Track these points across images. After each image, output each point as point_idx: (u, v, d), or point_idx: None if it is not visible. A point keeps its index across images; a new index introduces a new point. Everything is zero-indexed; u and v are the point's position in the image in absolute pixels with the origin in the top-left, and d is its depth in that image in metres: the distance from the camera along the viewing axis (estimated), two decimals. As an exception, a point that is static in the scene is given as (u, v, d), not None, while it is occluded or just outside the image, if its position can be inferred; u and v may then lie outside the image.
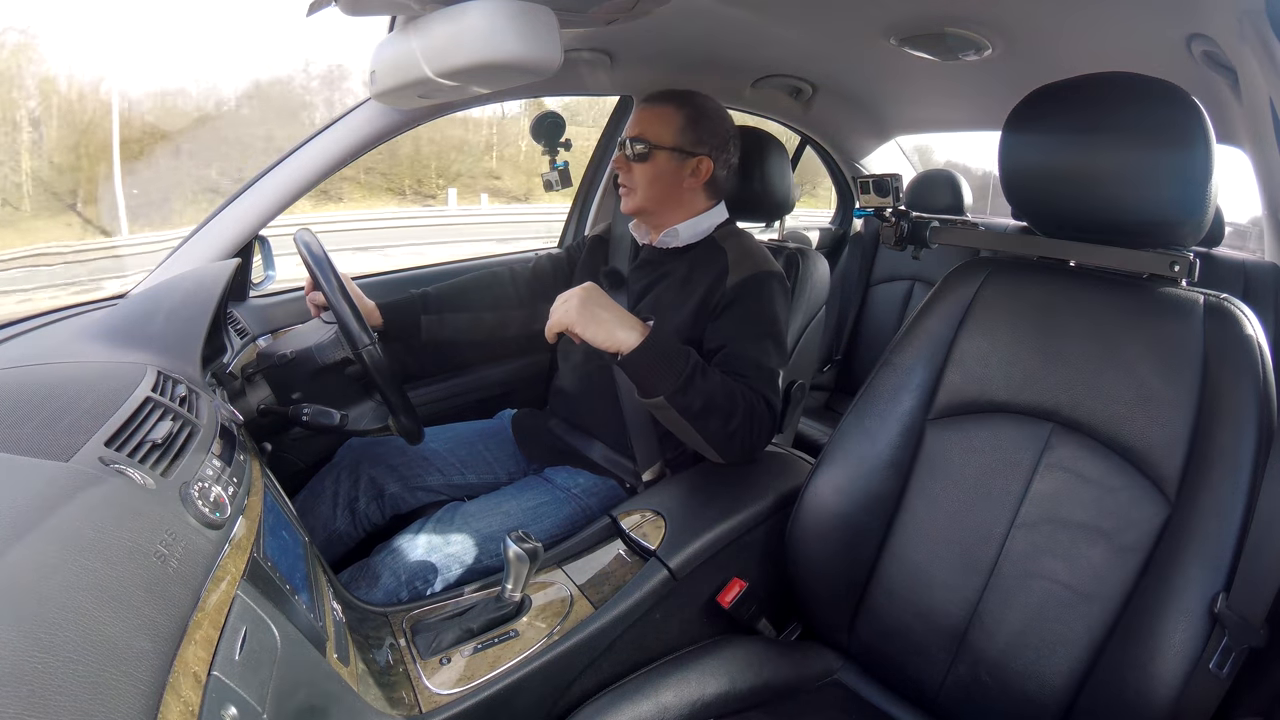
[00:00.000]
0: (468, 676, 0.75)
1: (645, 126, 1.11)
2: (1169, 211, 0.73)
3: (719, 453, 0.95)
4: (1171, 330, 0.73)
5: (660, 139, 1.09)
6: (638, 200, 1.12)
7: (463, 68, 0.70)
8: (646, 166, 1.10)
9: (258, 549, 0.59)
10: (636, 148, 1.10)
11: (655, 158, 1.10)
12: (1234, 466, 0.66)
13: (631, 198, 1.13)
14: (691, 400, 0.89)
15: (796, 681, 0.87)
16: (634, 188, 1.12)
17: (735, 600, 0.90)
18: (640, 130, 1.10)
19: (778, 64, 1.61)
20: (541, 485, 1.12)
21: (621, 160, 1.12)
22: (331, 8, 0.78)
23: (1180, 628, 0.64)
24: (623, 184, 1.14)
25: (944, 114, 2.03)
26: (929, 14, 1.18)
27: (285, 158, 1.18)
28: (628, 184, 1.13)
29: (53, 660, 0.35)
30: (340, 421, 0.98)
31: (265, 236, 1.23)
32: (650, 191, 1.12)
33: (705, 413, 0.90)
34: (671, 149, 1.10)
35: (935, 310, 0.88)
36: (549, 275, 1.28)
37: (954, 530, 0.82)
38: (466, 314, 1.23)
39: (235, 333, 1.12)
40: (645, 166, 1.10)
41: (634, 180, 1.11)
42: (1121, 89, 0.75)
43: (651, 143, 1.09)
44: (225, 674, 0.44)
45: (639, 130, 1.11)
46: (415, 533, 1.01)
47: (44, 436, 0.54)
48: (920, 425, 0.86)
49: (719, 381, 0.91)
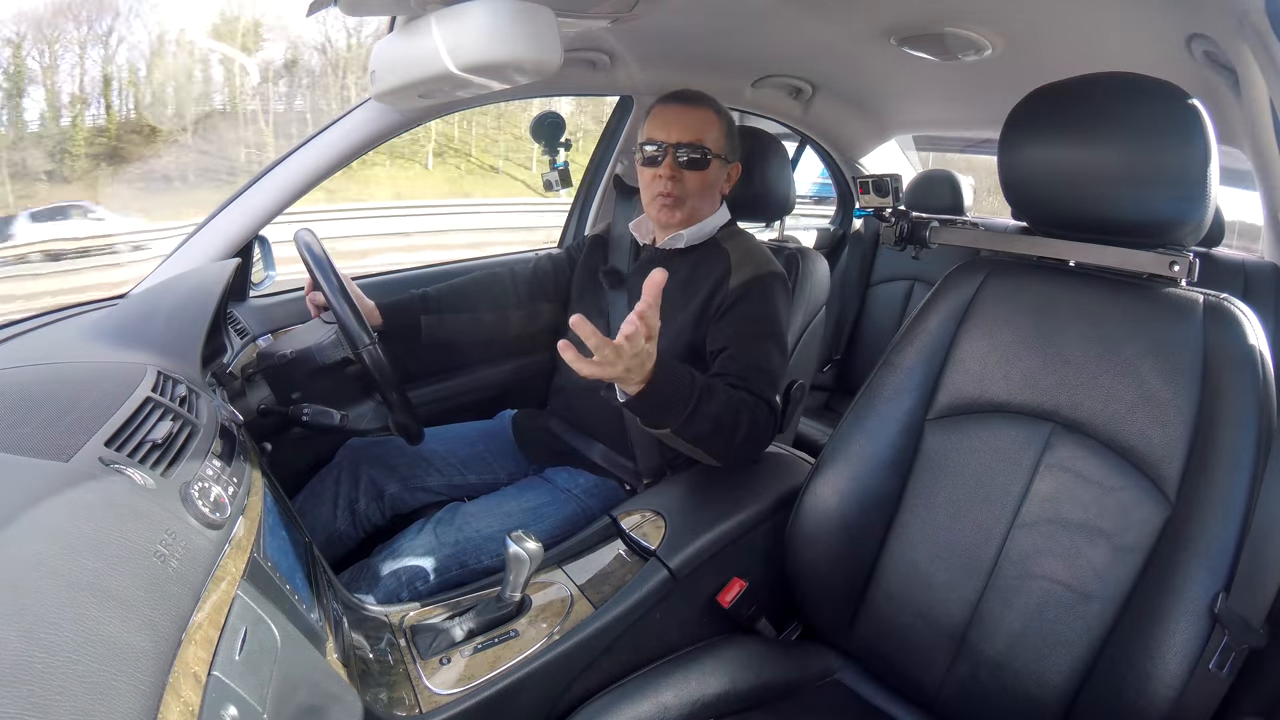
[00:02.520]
0: (468, 676, 0.75)
1: (699, 131, 1.03)
2: (1169, 211, 0.73)
3: (721, 462, 0.95)
4: (1171, 330, 0.73)
5: (715, 145, 1.04)
6: (686, 212, 1.05)
7: (463, 68, 0.70)
8: (702, 175, 1.03)
9: (258, 549, 0.59)
10: (691, 155, 1.02)
11: (712, 165, 1.04)
12: (1234, 466, 0.66)
13: (681, 209, 1.05)
14: (698, 428, 0.86)
15: (796, 681, 0.87)
16: (685, 197, 1.04)
17: (735, 600, 0.90)
18: (695, 135, 1.03)
19: (778, 64, 1.61)
20: (541, 485, 1.12)
21: (670, 168, 1.03)
22: (331, 8, 0.78)
23: (1180, 628, 0.64)
24: (669, 194, 1.04)
25: (944, 114, 2.03)
26: (929, 14, 1.18)
27: (285, 158, 1.18)
28: (676, 194, 1.04)
29: (53, 660, 0.35)
30: (340, 421, 0.98)
31: (265, 236, 1.23)
32: (699, 201, 1.05)
33: (711, 436, 0.88)
34: (721, 156, 1.06)
35: (935, 310, 0.88)
36: (549, 275, 1.28)
37: (954, 530, 0.82)
38: (467, 314, 1.22)
39: (235, 333, 1.12)
40: (701, 175, 1.03)
41: (685, 189, 1.04)
42: (1121, 89, 0.75)
43: (708, 149, 1.03)
44: (225, 674, 0.44)
45: (693, 135, 1.03)
46: (415, 533, 1.01)
47: (44, 436, 0.54)
48: (920, 425, 0.86)
49: (724, 401, 0.87)
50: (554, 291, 1.27)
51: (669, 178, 1.04)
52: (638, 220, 1.19)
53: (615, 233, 1.25)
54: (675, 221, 1.08)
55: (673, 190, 1.04)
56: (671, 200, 1.05)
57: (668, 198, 1.05)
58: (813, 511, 0.88)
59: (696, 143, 1.03)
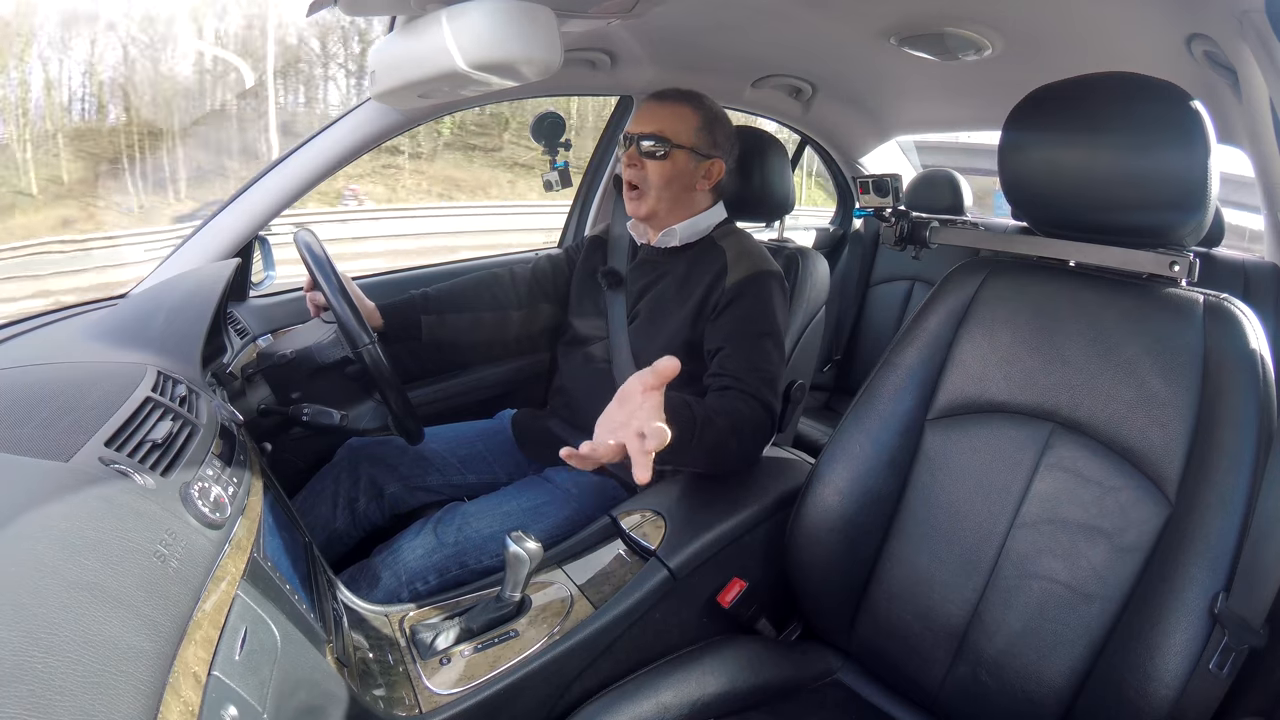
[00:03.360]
0: (468, 677, 0.74)
1: (663, 123, 1.05)
2: (1169, 211, 0.73)
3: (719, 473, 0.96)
4: (1171, 330, 0.73)
5: (679, 137, 1.06)
6: (650, 203, 1.07)
7: (463, 68, 0.70)
8: (663, 165, 1.05)
9: (258, 549, 0.59)
10: (652, 145, 1.04)
11: (673, 156, 1.06)
12: (1234, 466, 0.66)
13: (644, 200, 1.07)
14: (696, 458, 0.85)
15: (796, 681, 0.87)
16: (646, 189, 1.07)
17: (735, 600, 0.90)
18: (657, 126, 1.05)
19: (778, 64, 1.61)
20: (541, 485, 1.12)
21: (633, 157, 1.06)
22: (331, 8, 0.78)
23: (1180, 628, 0.64)
24: (631, 184, 1.07)
25: (944, 114, 2.03)
26: (929, 14, 1.19)
27: (285, 158, 1.18)
28: (638, 184, 1.07)
29: (53, 660, 0.35)
30: (340, 421, 0.98)
31: (265, 236, 1.23)
32: (664, 193, 1.07)
33: (710, 459, 0.88)
34: (689, 149, 1.07)
35: (935, 310, 0.88)
36: (548, 276, 1.28)
37: (954, 530, 0.82)
38: (467, 314, 1.22)
39: (235, 333, 1.12)
40: (661, 165, 1.05)
41: (647, 180, 1.06)
42: (1121, 89, 0.75)
43: (670, 140, 1.05)
44: (225, 674, 0.44)
45: (656, 126, 1.05)
46: (415, 533, 1.01)
47: (44, 436, 0.54)
48: (920, 425, 0.86)
49: (722, 425, 0.86)
50: (553, 292, 1.28)
51: (629, 165, 1.07)
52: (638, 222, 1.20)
53: (614, 233, 1.25)
54: (641, 214, 1.10)
55: (634, 179, 1.07)
56: (637, 192, 1.08)
57: (632, 188, 1.08)
58: (813, 511, 0.88)
59: (657, 134, 1.05)
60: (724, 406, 0.90)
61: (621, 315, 1.15)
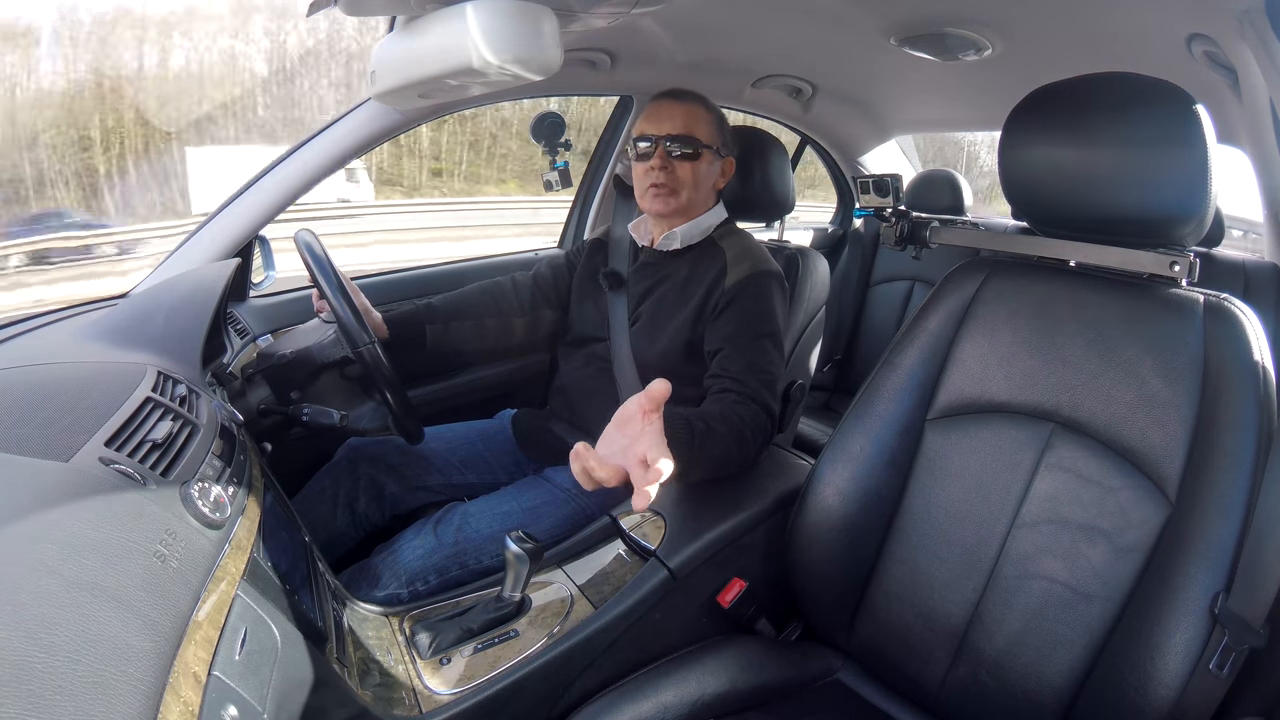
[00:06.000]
0: (467, 677, 0.74)
1: (690, 123, 1.07)
2: (1169, 211, 0.73)
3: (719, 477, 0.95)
4: (1172, 330, 0.73)
5: (707, 137, 1.07)
6: (683, 200, 1.08)
7: (463, 68, 0.70)
8: (695, 165, 1.07)
9: (258, 549, 0.59)
10: (682, 146, 1.06)
11: (703, 156, 1.07)
12: (1234, 466, 0.66)
13: (675, 198, 1.08)
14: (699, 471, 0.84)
15: (796, 681, 0.87)
16: (679, 187, 1.08)
17: (735, 600, 0.90)
18: (685, 127, 1.07)
19: (778, 64, 1.61)
20: (541, 485, 1.12)
21: (664, 159, 1.07)
22: (331, 8, 0.78)
23: (1180, 628, 0.64)
24: (662, 184, 1.07)
25: (944, 114, 2.03)
26: (929, 14, 1.18)
27: (285, 158, 1.18)
28: (669, 184, 1.07)
29: (53, 660, 0.35)
30: (340, 421, 0.98)
31: (265, 236, 1.23)
32: (695, 193, 1.09)
33: (713, 469, 0.87)
34: (714, 149, 1.09)
35: (935, 310, 0.88)
36: (549, 282, 1.28)
37: (954, 530, 0.82)
38: (471, 322, 1.22)
39: (235, 333, 1.12)
40: (694, 165, 1.07)
41: (678, 180, 1.07)
42: (1121, 89, 0.75)
43: (699, 141, 1.07)
44: (225, 674, 0.44)
45: (685, 127, 1.07)
46: (415, 533, 1.01)
47: (44, 436, 0.54)
48: (920, 425, 0.86)
49: (724, 434, 0.86)
50: (555, 298, 1.28)
51: (660, 169, 1.07)
52: (637, 221, 1.19)
53: (615, 234, 1.25)
54: (670, 210, 1.09)
55: (665, 180, 1.07)
56: (666, 190, 1.07)
57: (661, 187, 1.07)
58: (813, 511, 0.88)
59: (686, 134, 1.06)
60: (724, 413, 0.90)
61: (623, 317, 1.15)
